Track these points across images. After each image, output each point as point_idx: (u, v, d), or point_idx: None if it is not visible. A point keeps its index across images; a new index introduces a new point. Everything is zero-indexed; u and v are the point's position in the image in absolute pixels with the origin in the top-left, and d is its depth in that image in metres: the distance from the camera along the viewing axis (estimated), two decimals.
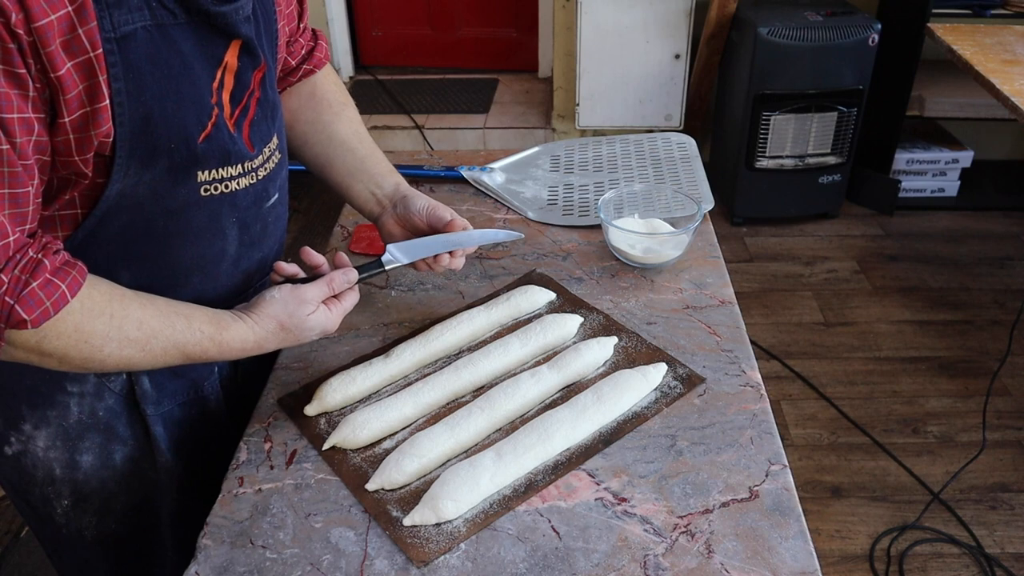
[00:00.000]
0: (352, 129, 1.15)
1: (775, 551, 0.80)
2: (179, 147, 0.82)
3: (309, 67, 1.14)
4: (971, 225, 3.15)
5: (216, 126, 0.85)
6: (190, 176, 0.85)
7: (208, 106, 0.83)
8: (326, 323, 0.95)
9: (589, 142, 1.61)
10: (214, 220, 0.90)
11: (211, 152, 0.85)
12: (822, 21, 2.77)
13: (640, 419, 0.95)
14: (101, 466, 1.00)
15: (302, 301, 0.92)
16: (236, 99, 0.88)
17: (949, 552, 1.91)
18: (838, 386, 2.39)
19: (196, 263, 0.92)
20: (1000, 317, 2.66)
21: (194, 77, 0.81)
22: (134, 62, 0.75)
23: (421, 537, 0.82)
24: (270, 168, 0.96)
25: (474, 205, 1.42)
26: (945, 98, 2.99)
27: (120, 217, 0.83)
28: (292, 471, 0.91)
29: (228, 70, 0.85)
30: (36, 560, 1.91)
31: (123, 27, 0.74)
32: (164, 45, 0.78)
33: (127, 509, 1.04)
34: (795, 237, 3.10)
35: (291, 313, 0.92)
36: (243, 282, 1.00)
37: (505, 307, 1.11)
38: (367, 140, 1.16)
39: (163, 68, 0.78)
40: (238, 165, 0.89)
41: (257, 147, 0.92)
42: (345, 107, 1.16)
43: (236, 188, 0.90)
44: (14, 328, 0.73)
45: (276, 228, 1.03)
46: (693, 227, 1.20)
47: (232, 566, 0.80)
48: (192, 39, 0.80)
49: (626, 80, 3.08)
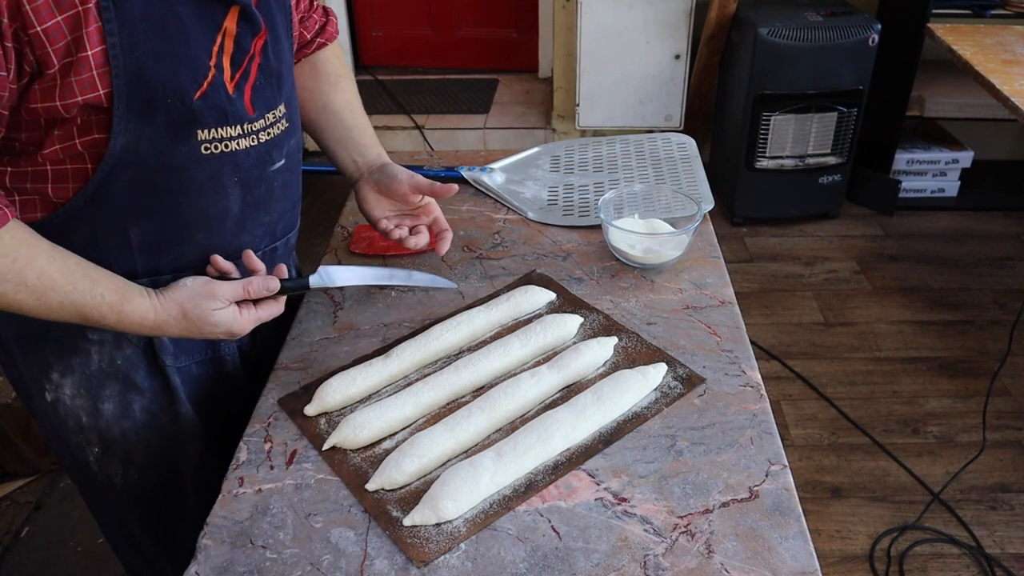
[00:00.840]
0: (345, 100, 1.21)
1: (775, 551, 0.80)
2: (175, 103, 0.86)
3: (321, 40, 1.20)
4: (971, 225, 3.15)
5: (212, 85, 0.88)
6: (190, 134, 0.89)
7: (204, 67, 0.87)
8: (232, 324, 0.94)
9: (589, 142, 1.61)
10: (215, 178, 0.94)
11: (208, 110, 0.89)
12: (822, 21, 2.77)
13: (640, 419, 0.95)
14: (121, 415, 1.06)
15: (211, 295, 0.92)
16: (236, 63, 0.91)
17: (949, 552, 1.91)
18: (838, 386, 2.39)
19: (200, 219, 0.96)
20: (1000, 317, 2.66)
21: (190, 39, 0.85)
22: (128, 20, 0.80)
23: (421, 537, 0.82)
24: (274, 133, 0.99)
25: (474, 205, 1.42)
26: (945, 98, 2.99)
27: (125, 172, 0.88)
28: (292, 471, 0.91)
29: (228, 35, 0.89)
30: (36, 560, 1.92)
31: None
32: (160, 7, 0.82)
33: (148, 460, 1.10)
34: (795, 237, 3.10)
35: (196, 304, 0.92)
36: (249, 243, 1.03)
37: (505, 307, 1.11)
38: (359, 112, 1.22)
39: (158, 28, 0.82)
40: (237, 126, 0.93)
41: (258, 111, 0.95)
42: (342, 79, 1.22)
43: (236, 148, 0.94)
44: None
45: (284, 195, 1.06)
46: (693, 227, 1.20)
47: (232, 566, 0.80)
48: (191, 3, 0.85)
49: (626, 80, 3.08)
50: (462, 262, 1.26)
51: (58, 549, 1.94)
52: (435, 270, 1.24)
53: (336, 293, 1.20)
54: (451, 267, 1.25)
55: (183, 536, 1.14)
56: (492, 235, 1.33)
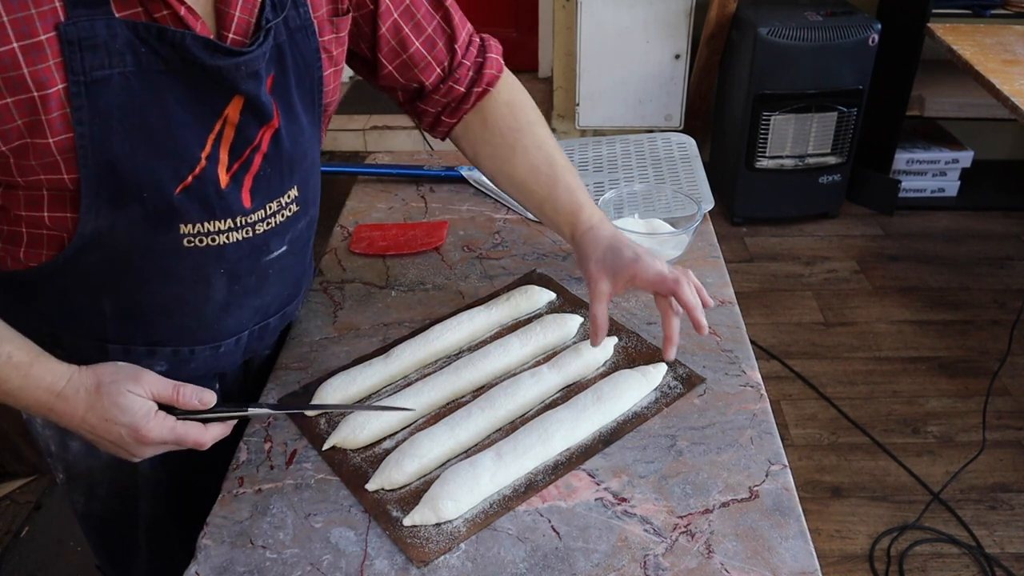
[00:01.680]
0: (527, 162, 1.03)
1: (775, 551, 0.80)
2: (151, 196, 0.78)
3: (480, 90, 1.04)
4: (971, 225, 3.15)
5: (199, 179, 0.80)
6: (171, 227, 0.81)
7: (193, 159, 0.79)
8: (141, 419, 0.80)
9: (589, 142, 1.61)
10: (197, 269, 0.85)
11: (190, 205, 0.80)
12: (822, 21, 2.77)
13: (640, 419, 0.95)
14: (87, 454, 1.01)
15: (135, 379, 0.81)
16: (236, 153, 0.82)
17: (949, 552, 1.91)
18: (838, 386, 2.39)
19: (177, 304, 0.88)
20: (1000, 317, 2.66)
21: (176, 128, 0.77)
22: (103, 108, 0.72)
23: (421, 537, 0.82)
24: (276, 222, 0.89)
25: (474, 205, 1.42)
26: (945, 98, 2.99)
27: (97, 252, 0.81)
28: (292, 471, 0.91)
29: (228, 123, 0.80)
30: (36, 560, 1.92)
31: (95, 72, 0.71)
32: (143, 93, 0.74)
33: (112, 497, 1.05)
34: (795, 237, 3.10)
35: (115, 380, 0.80)
36: (235, 326, 0.95)
37: (505, 307, 1.11)
38: (544, 174, 1.03)
39: (136, 117, 0.74)
40: (227, 220, 0.83)
41: (258, 202, 0.85)
42: (520, 135, 1.04)
43: (225, 242, 0.85)
44: None
45: (282, 279, 0.96)
46: (693, 227, 1.20)
47: (232, 566, 0.80)
48: (183, 88, 0.76)
49: (626, 80, 3.08)
50: (462, 262, 1.26)
51: (58, 549, 1.94)
52: (435, 270, 1.24)
53: (336, 293, 1.20)
54: (451, 267, 1.25)
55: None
56: (492, 235, 1.33)
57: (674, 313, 0.94)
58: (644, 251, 0.96)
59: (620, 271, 0.95)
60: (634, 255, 0.94)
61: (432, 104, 1.05)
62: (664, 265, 0.94)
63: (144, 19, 0.72)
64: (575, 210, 1.01)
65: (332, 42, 0.90)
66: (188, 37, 0.73)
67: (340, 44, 0.92)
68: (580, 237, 1.00)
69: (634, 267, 0.93)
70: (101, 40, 0.70)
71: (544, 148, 1.04)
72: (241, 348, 0.98)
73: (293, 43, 0.84)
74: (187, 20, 0.74)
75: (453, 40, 1.01)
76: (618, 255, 0.95)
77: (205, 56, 0.75)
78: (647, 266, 0.93)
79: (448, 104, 1.04)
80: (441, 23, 1.00)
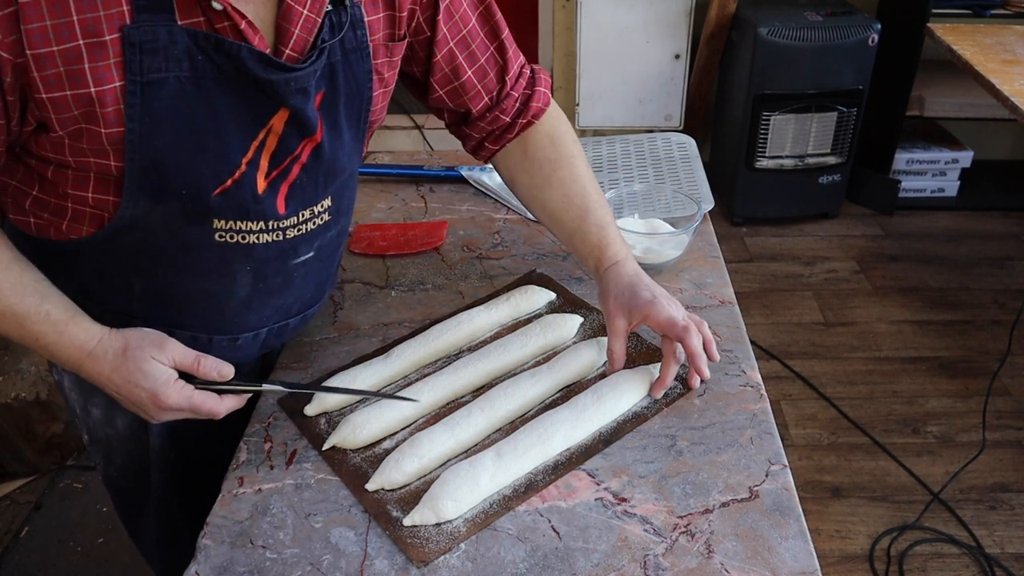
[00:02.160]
0: (561, 193, 1.06)
1: (775, 551, 0.80)
2: (190, 194, 0.82)
3: (524, 121, 1.06)
4: (971, 225, 3.15)
5: (238, 183, 0.83)
6: (205, 221, 0.85)
7: (233, 164, 0.82)
8: (161, 385, 0.85)
9: (589, 142, 1.61)
10: (225, 264, 0.89)
11: (226, 206, 0.84)
12: (822, 21, 2.77)
13: (640, 419, 0.95)
14: (106, 423, 1.06)
15: (159, 345, 0.85)
16: (277, 161, 0.85)
17: (949, 552, 1.91)
18: (838, 386, 2.39)
19: (202, 295, 0.92)
20: (1000, 317, 2.66)
21: (223, 133, 0.80)
22: (154, 109, 0.76)
23: (421, 537, 0.82)
24: (307, 229, 0.92)
25: (474, 205, 1.42)
26: (945, 98, 2.99)
27: (132, 235, 0.85)
28: (292, 471, 0.91)
29: (272, 132, 0.83)
30: (36, 560, 1.92)
31: (152, 74, 0.75)
32: (196, 98, 0.77)
33: (127, 466, 1.11)
34: (795, 237, 3.10)
35: (141, 346, 0.85)
36: (255, 322, 0.98)
37: (505, 307, 1.11)
38: (576, 207, 1.05)
39: (186, 120, 0.78)
40: (260, 222, 0.87)
41: (291, 209, 0.88)
42: (556, 167, 1.06)
43: (255, 241, 0.88)
44: None
45: (306, 282, 0.98)
46: (693, 227, 1.20)
47: (232, 566, 0.80)
48: (234, 97, 0.79)
49: (626, 80, 3.08)
50: (462, 262, 1.26)
51: (58, 549, 1.94)
52: (435, 270, 1.24)
53: (336, 293, 1.20)
54: (451, 267, 1.25)
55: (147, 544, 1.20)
56: (492, 235, 1.33)
57: (675, 360, 0.97)
58: (661, 293, 0.98)
59: (635, 310, 0.97)
60: (651, 296, 0.97)
61: (477, 130, 1.07)
62: (677, 311, 0.96)
63: (205, 28, 0.76)
64: (602, 246, 1.04)
65: (385, 65, 0.93)
66: (244, 50, 0.77)
67: (392, 67, 0.96)
68: (604, 273, 1.03)
69: (648, 308, 0.96)
70: (161, 45, 0.74)
71: (579, 182, 1.07)
72: (258, 343, 1.00)
73: (347, 63, 0.87)
74: (246, 33, 0.77)
75: (504, 71, 1.04)
76: (635, 295, 0.98)
77: (258, 69, 0.78)
78: (660, 309, 0.95)
79: (492, 132, 1.07)
80: (495, 54, 1.03)
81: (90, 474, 2.11)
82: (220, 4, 0.74)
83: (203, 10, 0.75)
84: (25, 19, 0.69)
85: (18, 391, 2.04)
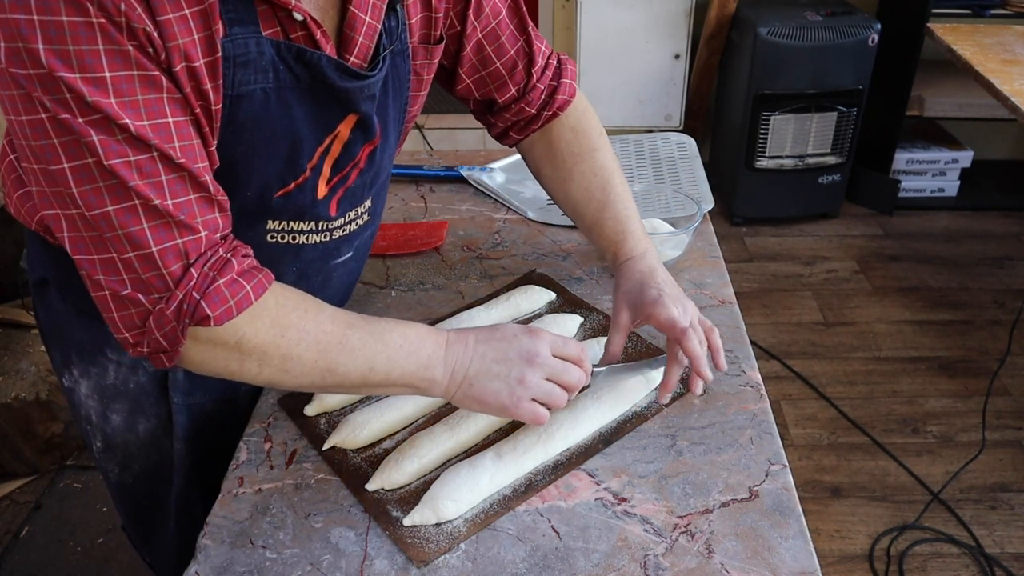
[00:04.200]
0: (582, 187, 1.07)
1: (775, 551, 0.80)
2: (254, 196, 0.83)
3: (549, 113, 1.06)
4: (971, 225, 3.15)
5: (300, 187, 0.84)
6: (259, 221, 0.86)
7: (300, 168, 0.83)
8: (539, 349, 0.84)
9: None
10: (273, 264, 0.88)
11: (285, 207, 0.85)
12: (822, 21, 2.77)
13: (640, 419, 0.95)
14: (126, 429, 1.05)
15: (534, 332, 0.85)
16: (339, 167, 0.86)
17: (949, 552, 1.91)
18: (838, 386, 2.39)
19: None
20: (1000, 317, 2.66)
21: (297, 140, 0.81)
22: (240, 119, 0.76)
23: (421, 537, 0.82)
24: (351, 229, 0.94)
25: (474, 205, 1.42)
26: (945, 98, 2.99)
27: None
28: (292, 471, 0.91)
29: (338, 139, 0.84)
30: (36, 560, 1.92)
31: (242, 87, 0.75)
32: (277, 107, 0.78)
33: (145, 471, 1.10)
34: (795, 237, 3.10)
35: (499, 328, 0.85)
36: None
37: (505, 307, 1.11)
38: (596, 200, 1.06)
39: (266, 128, 0.78)
40: (311, 223, 0.88)
41: (341, 211, 0.90)
42: (579, 160, 1.07)
43: (304, 242, 0.90)
44: (198, 324, 0.73)
45: (341, 282, 1.02)
46: (693, 227, 1.20)
47: (232, 566, 0.80)
48: (309, 104, 0.80)
49: (626, 80, 3.08)
50: (462, 262, 1.26)
51: (58, 549, 1.94)
52: (435, 270, 1.24)
53: None
54: (451, 267, 1.25)
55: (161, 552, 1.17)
56: (492, 235, 1.33)
57: (678, 362, 0.96)
58: (669, 293, 0.97)
59: (640, 307, 0.97)
60: (657, 295, 0.96)
61: (502, 120, 1.08)
62: (682, 312, 0.95)
63: (282, 38, 0.76)
64: (619, 240, 1.04)
65: (424, 67, 0.95)
66: (324, 59, 0.78)
67: (431, 70, 0.97)
68: (619, 267, 1.03)
69: (652, 307, 0.95)
70: (252, 57, 0.74)
71: (600, 175, 1.07)
72: None
73: (393, 66, 0.88)
74: (320, 42, 0.78)
75: (531, 64, 1.04)
76: (643, 292, 0.97)
77: (336, 78, 0.79)
78: (663, 308, 0.94)
79: (517, 123, 1.08)
80: (524, 46, 1.03)
81: (90, 474, 2.11)
82: (301, 14, 0.75)
83: (280, 21, 0.75)
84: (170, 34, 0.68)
85: (18, 391, 2.04)
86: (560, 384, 0.85)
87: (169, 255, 0.71)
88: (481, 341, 0.84)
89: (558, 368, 0.85)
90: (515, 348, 0.84)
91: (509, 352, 0.84)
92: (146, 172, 0.69)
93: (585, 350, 0.88)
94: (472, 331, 0.86)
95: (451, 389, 0.84)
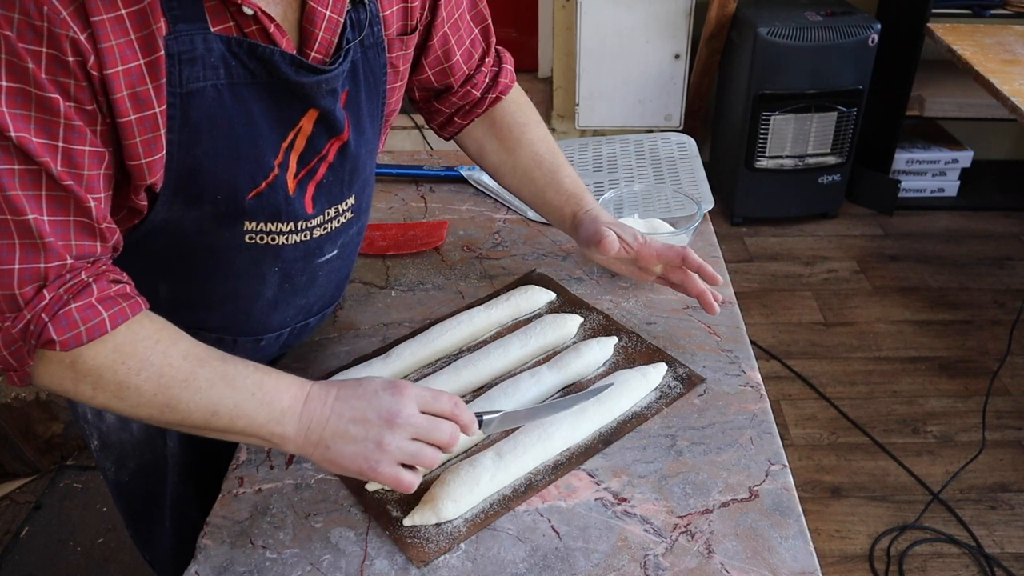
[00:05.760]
0: (532, 152, 1.10)
1: (775, 551, 0.80)
2: (225, 199, 0.82)
3: (494, 96, 1.09)
4: (971, 225, 3.15)
5: (272, 186, 0.83)
6: (236, 223, 0.85)
7: (267, 166, 0.82)
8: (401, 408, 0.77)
9: (589, 142, 1.61)
10: (254, 265, 0.89)
11: (259, 208, 0.84)
12: (822, 21, 2.77)
13: (640, 419, 0.95)
14: (120, 427, 1.06)
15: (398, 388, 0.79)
16: (304, 161, 0.86)
17: (949, 552, 1.91)
18: (838, 386, 2.39)
19: (229, 296, 0.92)
20: (1000, 317, 2.66)
21: (258, 137, 0.80)
22: (193, 118, 0.75)
23: (421, 537, 0.82)
24: (332, 228, 0.93)
25: (474, 205, 1.42)
26: (945, 98, 2.99)
27: (163, 237, 0.85)
28: (292, 471, 0.91)
29: (301, 133, 0.84)
30: (36, 560, 1.92)
31: (191, 84, 0.74)
32: (232, 104, 0.77)
33: (139, 469, 1.10)
34: (795, 237, 3.10)
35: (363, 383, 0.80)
36: (279, 322, 0.99)
37: (505, 307, 1.11)
38: (547, 162, 1.10)
39: (223, 126, 0.77)
40: (290, 223, 0.87)
41: (319, 208, 0.89)
42: (526, 129, 1.11)
43: (284, 242, 0.89)
44: (43, 347, 0.72)
45: (328, 280, 1.00)
46: (693, 227, 1.20)
47: (232, 566, 0.80)
48: (267, 99, 0.79)
49: (626, 80, 3.08)
50: (462, 262, 1.26)
51: (58, 549, 1.94)
52: (435, 270, 1.24)
53: None
54: (451, 267, 1.25)
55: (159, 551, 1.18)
56: (492, 235, 1.33)
57: (689, 277, 1.02)
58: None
59: (627, 233, 1.02)
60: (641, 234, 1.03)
61: (448, 105, 1.09)
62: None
63: (235, 34, 0.75)
64: (580, 193, 1.08)
65: (400, 58, 0.95)
66: (277, 54, 0.77)
67: (407, 60, 0.97)
68: (583, 215, 1.06)
69: (642, 237, 1.02)
70: (199, 54, 0.73)
71: (547, 142, 1.12)
72: (280, 343, 1.02)
73: (366, 60, 0.88)
74: (275, 37, 0.77)
75: (486, 53, 1.07)
76: (625, 228, 1.04)
77: (291, 72, 0.78)
78: (654, 239, 1.01)
79: (463, 107, 1.09)
80: (480, 36, 1.06)
81: (90, 474, 2.11)
82: (251, 8, 0.74)
83: (232, 15, 0.75)
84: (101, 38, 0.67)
85: (18, 391, 2.04)
86: (429, 442, 0.79)
87: (26, 276, 0.70)
88: (341, 399, 0.79)
89: (424, 427, 0.78)
90: (374, 408, 0.78)
91: (368, 412, 0.78)
92: (28, 184, 0.68)
93: (459, 404, 0.81)
94: (337, 385, 0.80)
95: (307, 448, 0.79)
